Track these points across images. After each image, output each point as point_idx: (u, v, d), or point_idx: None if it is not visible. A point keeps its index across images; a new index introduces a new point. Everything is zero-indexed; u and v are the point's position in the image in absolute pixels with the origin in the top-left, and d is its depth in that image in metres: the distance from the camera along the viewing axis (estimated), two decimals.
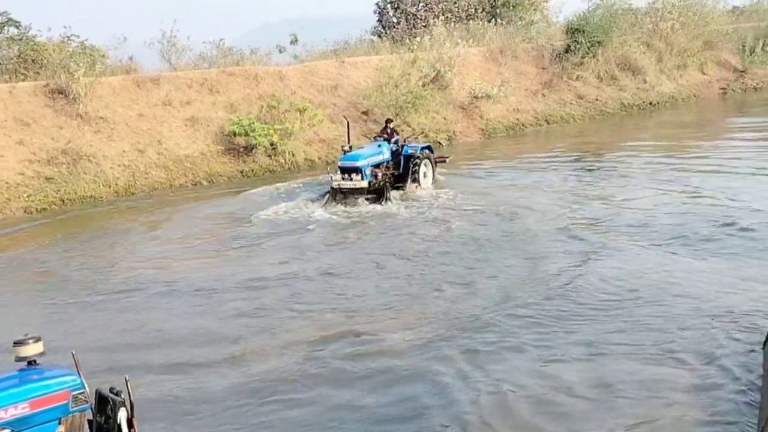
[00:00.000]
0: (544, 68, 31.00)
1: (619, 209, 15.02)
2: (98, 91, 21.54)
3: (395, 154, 17.83)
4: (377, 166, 17.24)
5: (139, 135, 21.55)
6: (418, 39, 27.84)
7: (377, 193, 16.86)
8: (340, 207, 16.47)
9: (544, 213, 14.92)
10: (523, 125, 28.18)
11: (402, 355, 8.56)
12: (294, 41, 30.59)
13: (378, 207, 16.45)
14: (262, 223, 15.85)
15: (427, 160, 18.04)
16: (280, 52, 29.77)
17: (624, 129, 28.08)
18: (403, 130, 20.41)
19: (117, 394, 5.06)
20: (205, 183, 21.03)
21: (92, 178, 19.83)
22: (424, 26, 31.59)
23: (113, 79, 22.70)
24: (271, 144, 22.08)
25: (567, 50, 31.14)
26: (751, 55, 36.66)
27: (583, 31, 30.61)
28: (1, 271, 13.65)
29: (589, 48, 30.81)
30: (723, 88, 35.57)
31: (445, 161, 19.12)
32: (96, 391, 5.20)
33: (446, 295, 10.59)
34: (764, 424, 6.25)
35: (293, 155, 22.55)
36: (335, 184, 16.79)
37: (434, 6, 34.32)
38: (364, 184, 16.62)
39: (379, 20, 36.20)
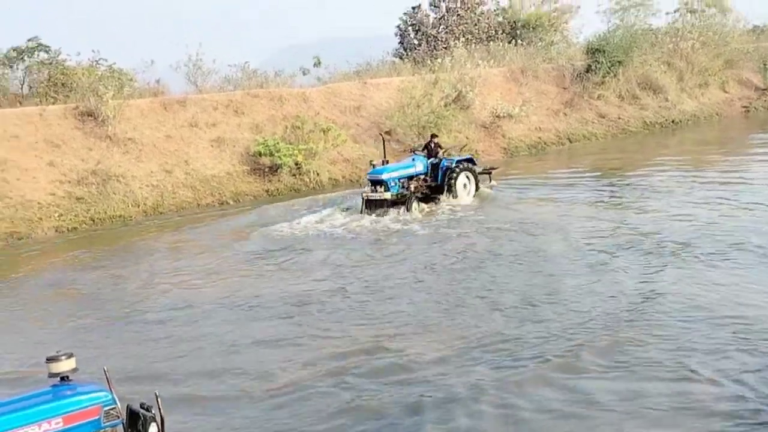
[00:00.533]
0: (565, 88, 31.15)
1: (666, 222, 14.74)
2: (126, 113, 21.96)
3: (435, 167, 18.50)
4: (411, 178, 18.16)
5: (167, 156, 21.91)
6: (439, 60, 28.15)
7: (403, 204, 17.67)
8: (369, 217, 17.31)
9: (585, 229, 14.78)
10: (545, 144, 28.31)
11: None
12: (317, 63, 31.01)
13: (400, 218, 17.09)
14: (286, 238, 16.05)
15: (468, 173, 18.55)
16: (304, 74, 30.23)
17: (647, 146, 28.06)
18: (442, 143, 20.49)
19: (148, 410, 5.06)
20: (231, 202, 21.31)
21: (121, 198, 20.16)
22: (445, 48, 31.90)
23: (141, 101, 23.14)
24: (296, 164, 22.35)
25: (588, 70, 31.29)
26: None
27: (604, 51, 30.77)
28: (33, 290, 13.85)
29: (609, 68, 30.95)
30: (745, 107, 35.54)
31: (490, 173, 19.45)
32: (127, 407, 5.20)
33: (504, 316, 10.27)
34: None
35: (317, 174, 22.80)
36: (365, 195, 17.98)
37: (455, 28, 34.66)
38: (388, 195, 17.62)
39: (400, 42, 36.56)
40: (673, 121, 32.18)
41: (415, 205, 17.74)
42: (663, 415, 7.13)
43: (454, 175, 18.19)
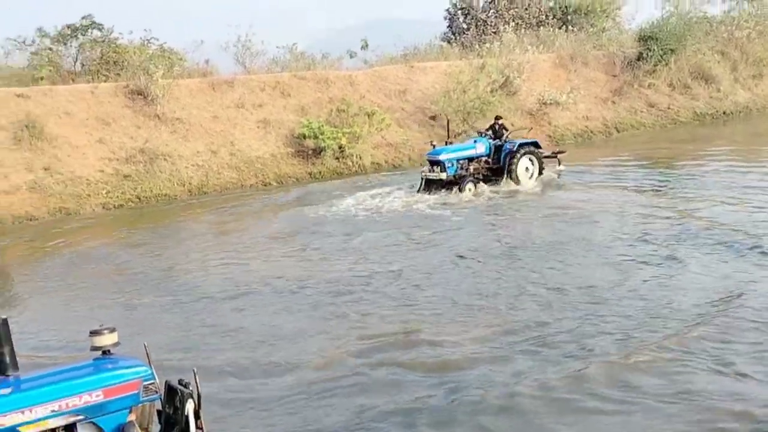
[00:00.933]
0: (614, 75, 30.64)
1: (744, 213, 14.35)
2: (175, 93, 22.29)
3: (498, 149, 18.57)
4: (471, 160, 18.38)
5: (213, 136, 22.19)
6: (487, 45, 27.92)
7: (452, 185, 17.98)
8: (422, 196, 17.85)
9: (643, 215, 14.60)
10: (591, 132, 27.95)
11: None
12: (364, 46, 30.99)
13: (451, 199, 17.42)
14: (334, 220, 16.23)
15: (531, 156, 18.47)
16: (351, 57, 30.24)
17: (697, 138, 27.44)
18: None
19: (185, 386, 5.19)
20: (274, 184, 21.53)
21: (167, 177, 20.52)
22: (494, 32, 31.56)
23: (190, 81, 23.44)
24: (340, 147, 22.46)
25: (639, 58, 30.72)
26: None
27: (656, 39, 30.15)
28: (80, 264, 14.16)
29: (661, 56, 30.33)
30: None
31: (556, 156, 19.10)
32: (165, 383, 5.34)
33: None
34: None
35: (360, 158, 22.88)
36: (423, 174, 18.42)
37: (505, 12, 34.24)
38: (443, 176, 17.94)
39: (449, 26, 36.31)
40: (724, 113, 31.47)
41: (469, 186, 17.88)
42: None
43: (516, 158, 18.18)
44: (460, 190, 17.72)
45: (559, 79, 29.34)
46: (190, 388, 5.16)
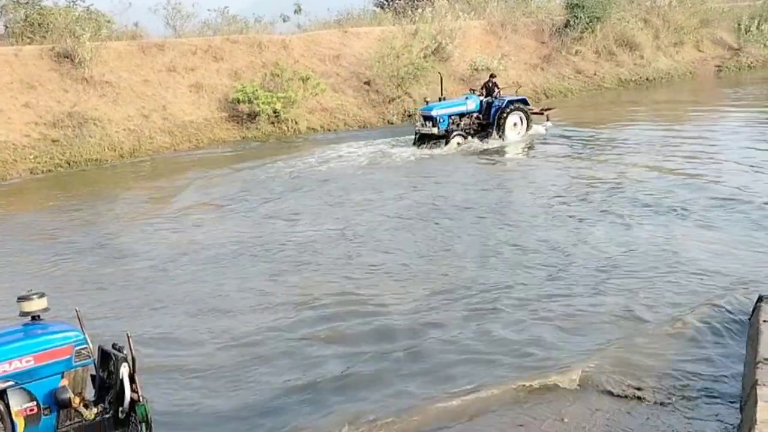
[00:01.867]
0: (543, 42, 31.18)
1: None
2: (103, 56, 21.70)
3: (489, 106, 19.76)
4: (462, 115, 19.64)
5: (144, 100, 21.75)
6: (420, 11, 27.98)
7: (445, 139, 19.18)
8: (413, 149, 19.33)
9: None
10: None
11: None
12: (298, 11, 30.71)
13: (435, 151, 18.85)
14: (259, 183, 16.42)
15: (520, 112, 19.77)
16: (284, 21, 29.99)
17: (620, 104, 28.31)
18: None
19: (119, 350, 5.15)
20: (208, 149, 21.27)
21: (97, 142, 20.04)
22: None
23: (118, 44, 22.85)
24: (275, 111, 22.31)
25: (566, 25, 31.29)
26: (746, 33, 36.78)
27: (583, 7, 30.73)
28: (8, 232, 13.85)
29: (588, 23, 30.99)
30: (718, 66, 35.82)
31: (542, 113, 20.48)
32: (99, 347, 5.30)
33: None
34: (749, 392, 6.45)
35: (296, 123, 22.79)
36: (417, 129, 19.74)
37: None
38: (435, 130, 19.19)
39: None
40: (647, 79, 32.42)
41: (457, 140, 19.20)
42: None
43: (505, 114, 19.42)
44: (446, 142, 18.95)
45: (490, 46, 29.70)
46: (125, 353, 5.11)
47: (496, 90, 20.12)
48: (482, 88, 20.48)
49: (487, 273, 10.11)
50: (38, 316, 5.18)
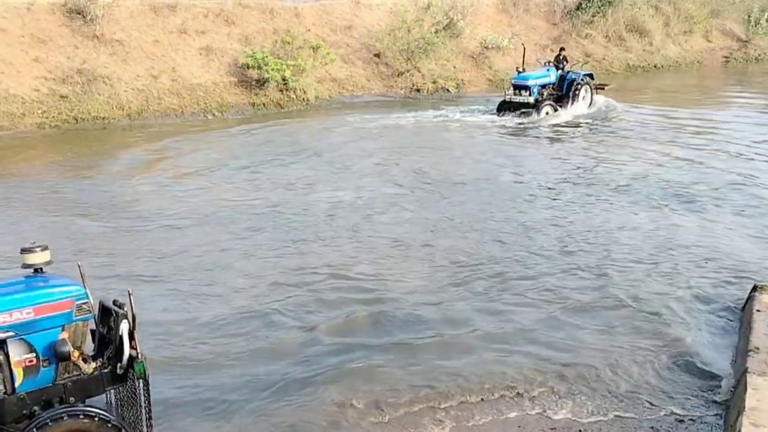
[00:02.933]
0: (554, 24, 31.15)
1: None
2: (115, 14, 21.58)
3: (561, 78, 20.95)
4: (544, 86, 20.64)
5: (154, 61, 21.66)
6: None
7: (535, 108, 20.12)
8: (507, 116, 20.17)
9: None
10: None
11: None
12: None
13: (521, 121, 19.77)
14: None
15: (587, 86, 21.09)
16: None
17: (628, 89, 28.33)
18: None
19: (120, 307, 5.19)
20: (215, 113, 21.23)
21: (106, 100, 20.00)
22: None
23: (130, 2, 22.63)
24: (283, 79, 22.25)
25: (578, 8, 31.29)
26: (755, 26, 36.82)
27: None
28: (15, 188, 13.76)
29: (599, 7, 31.03)
30: (726, 57, 35.85)
31: (603, 88, 21.85)
32: (99, 303, 5.34)
33: None
34: (738, 379, 6.61)
35: (305, 92, 22.74)
36: (507, 98, 20.50)
37: None
38: (531, 99, 20.15)
39: None
40: (655, 66, 32.44)
41: (547, 109, 20.13)
42: None
43: (579, 86, 20.66)
44: (538, 113, 19.80)
45: (501, 25, 29.64)
46: (125, 309, 5.15)
47: (566, 63, 21.31)
48: (555, 61, 21.41)
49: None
50: (41, 269, 5.21)
